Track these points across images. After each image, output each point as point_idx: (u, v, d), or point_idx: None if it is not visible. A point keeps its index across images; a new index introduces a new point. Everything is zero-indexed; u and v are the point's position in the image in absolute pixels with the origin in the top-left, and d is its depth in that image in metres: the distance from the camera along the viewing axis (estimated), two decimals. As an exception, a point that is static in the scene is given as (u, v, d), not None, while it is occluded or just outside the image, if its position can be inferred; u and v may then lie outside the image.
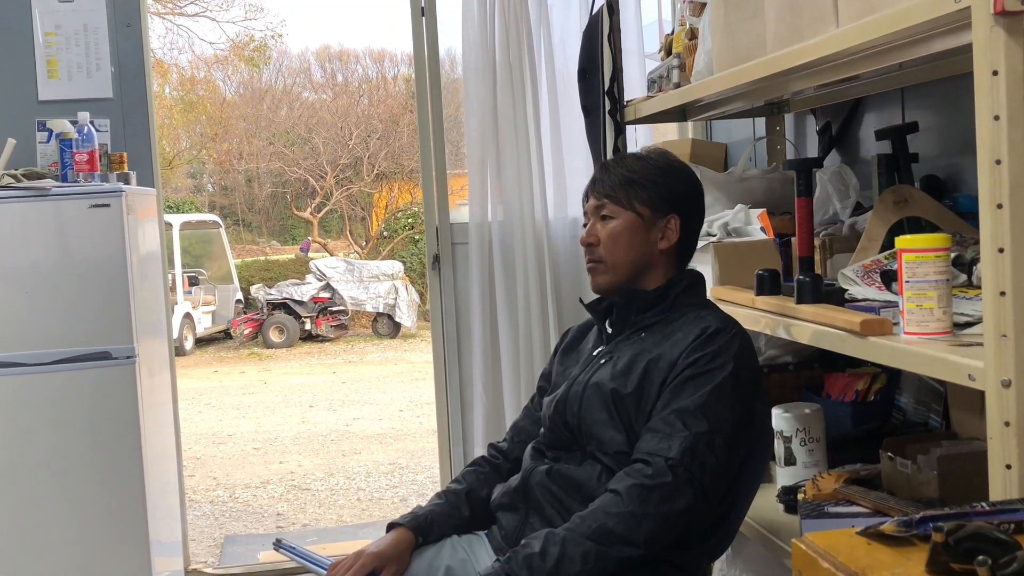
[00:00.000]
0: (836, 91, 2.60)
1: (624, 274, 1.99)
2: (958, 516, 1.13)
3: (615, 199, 1.99)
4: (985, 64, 1.34)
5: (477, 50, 3.75)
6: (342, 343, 13.56)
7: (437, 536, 2.03)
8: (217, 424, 8.63)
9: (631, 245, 1.98)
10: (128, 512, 3.23)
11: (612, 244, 1.98)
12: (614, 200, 1.99)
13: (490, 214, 3.80)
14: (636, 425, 1.88)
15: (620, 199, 1.98)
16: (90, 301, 3.20)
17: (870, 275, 1.99)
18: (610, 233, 1.99)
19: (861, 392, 2.49)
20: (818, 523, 1.92)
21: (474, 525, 2.07)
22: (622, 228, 1.98)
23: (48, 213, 3.20)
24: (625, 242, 1.98)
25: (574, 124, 3.60)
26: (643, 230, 1.98)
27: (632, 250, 1.98)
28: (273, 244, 19.99)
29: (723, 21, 2.30)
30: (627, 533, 1.75)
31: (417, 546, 2.00)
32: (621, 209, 1.98)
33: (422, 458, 6.87)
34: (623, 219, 1.98)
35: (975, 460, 1.69)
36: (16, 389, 3.18)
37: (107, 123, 3.66)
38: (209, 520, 5.45)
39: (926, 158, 2.43)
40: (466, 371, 3.85)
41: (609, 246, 1.98)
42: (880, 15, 1.63)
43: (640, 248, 1.98)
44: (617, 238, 1.98)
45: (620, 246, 1.98)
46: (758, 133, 3.26)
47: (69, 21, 3.66)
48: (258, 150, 19.32)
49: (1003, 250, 1.33)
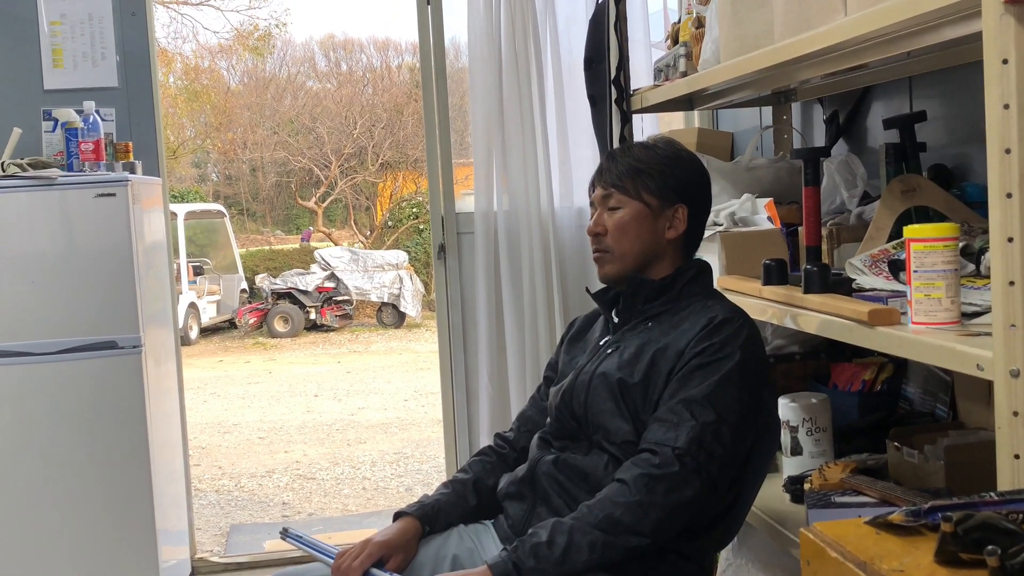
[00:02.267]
0: (844, 80, 2.59)
1: (631, 263, 1.99)
2: (967, 506, 1.13)
3: (622, 188, 1.98)
4: (995, 52, 1.33)
5: (482, 39, 3.74)
6: (347, 333, 13.57)
7: (444, 525, 2.03)
8: (222, 414, 8.65)
9: (639, 235, 1.98)
10: (134, 501, 3.25)
11: (619, 234, 1.98)
12: (621, 190, 1.98)
13: (496, 204, 3.80)
14: (643, 415, 1.88)
15: (627, 188, 1.98)
16: (96, 290, 3.20)
17: (878, 265, 1.99)
18: (617, 223, 1.98)
19: (868, 382, 2.49)
20: (825, 513, 1.91)
21: (480, 514, 2.07)
22: (629, 218, 1.98)
23: (54, 202, 3.21)
24: (633, 232, 1.97)
25: (580, 113, 3.60)
26: (651, 220, 1.98)
27: (639, 240, 1.98)
28: (278, 234, 19.99)
29: (730, 9, 2.29)
30: (634, 523, 1.75)
31: (424, 535, 2.01)
32: (628, 199, 1.98)
33: (427, 447, 6.88)
34: (630, 208, 1.98)
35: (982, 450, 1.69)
36: (23, 378, 3.19)
37: (112, 112, 3.66)
38: (215, 509, 5.46)
39: (934, 147, 2.42)
40: (472, 361, 3.85)
41: (616, 236, 1.98)
42: (889, 3, 1.62)
43: (648, 238, 1.98)
44: (625, 228, 1.98)
45: (627, 236, 1.98)
46: (765, 122, 3.25)
47: (74, 10, 3.66)
48: (262, 139, 19.31)
49: (1012, 239, 1.33)
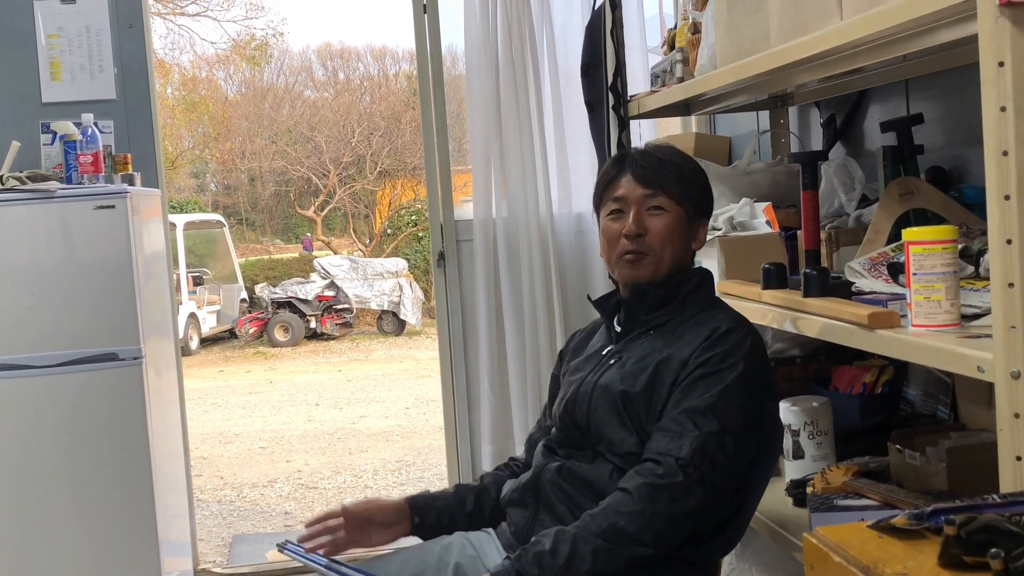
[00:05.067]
0: (840, 83, 2.59)
1: (666, 269, 1.96)
2: (969, 508, 1.13)
3: (669, 191, 1.95)
4: (991, 55, 1.33)
5: (480, 46, 3.75)
6: (347, 341, 13.56)
7: (434, 520, 2.03)
8: (223, 424, 8.64)
9: (680, 242, 1.97)
10: (137, 512, 3.24)
11: (668, 236, 1.95)
12: (668, 192, 1.95)
13: (494, 211, 3.80)
14: (647, 425, 1.87)
15: (674, 193, 1.95)
16: (96, 303, 3.20)
17: (877, 268, 1.99)
18: (668, 226, 1.95)
19: (869, 384, 2.49)
20: (827, 516, 1.91)
21: (476, 521, 2.06)
22: (677, 223, 1.96)
23: (53, 215, 3.21)
24: (678, 237, 1.96)
25: (577, 119, 3.60)
26: (687, 228, 1.98)
27: (677, 248, 1.97)
28: (277, 243, 20.00)
29: (726, 15, 2.30)
30: (637, 532, 1.75)
31: (413, 527, 2.01)
32: (674, 203, 1.96)
33: (429, 455, 6.88)
34: (675, 213, 1.96)
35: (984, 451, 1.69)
36: (24, 391, 3.19)
37: (111, 124, 3.66)
38: (217, 520, 5.46)
39: (931, 149, 2.42)
40: (472, 368, 3.85)
41: (664, 238, 1.94)
42: (884, 7, 1.63)
43: (682, 245, 1.98)
44: (673, 232, 1.95)
45: (672, 241, 1.95)
46: (762, 126, 3.26)
47: (72, 23, 3.66)
48: (261, 149, 19.32)
49: (1011, 241, 1.33)
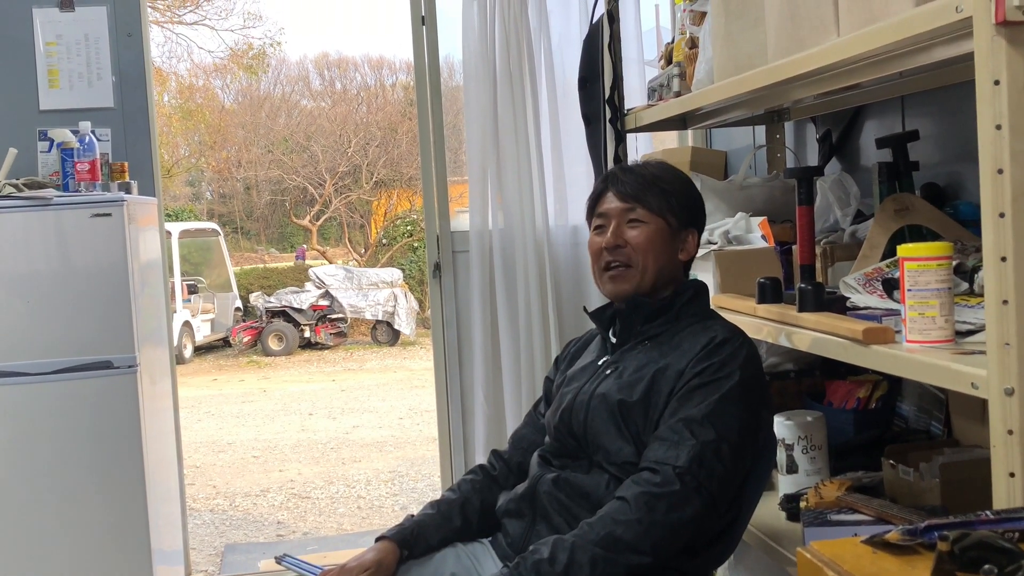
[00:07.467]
0: (836, 99, 2.61)
1: (650, 281, 1.98)
2: (963, 524, 1.13)
3: (647, 204, 1.97)
4: (987, 74, 1.34)
5: (477, 58, 3.76)
6: (341, 351, 13.55)
7: (423, 548, 2.01)
8: (216, 432, 8.63)
9: (662, 252, 1.98)
10: (130, 521, 3.23)
11: (647, 248, 1.96)
12: (646, 205, 1.97)
13: (491, 222, 3.81)
14: (644, 435, 1.88)
15: (652, 205, 1.97)
16: (92, 310, 3.20)
17: (872, 283, 2.00)
18: (647, 237, 1.97)
19: (863, 399, 2.49)
20: (821, 531, 1.92)
21: (466, 535, 2.06)
22: (656, 234, 1.97)
23: (50, 223, 3.21)
24: (658, 248, 1.97)
25: (574, 132, 3.61)
26: (670, 239, 1.99)
27: (662, 257, 1.98)
28: (272, 252, 19.98)
29: (724, 30, 2.31)
30: (635, 541, 1.75)
31: (402, 559, 1.98)
32: (652, 215, 1.97)
33: (422, 466, 6.87)
34: (655, 225, 1.97)
35: (977, 467, 1.70)
36: (18, 399, 3.18)
37: (108, 132, 3.67)
38: (209, 529, 5.44)
39: (927, 166, 2.43)
40: (467, 379, 3.85)
41: (644, 250, 1.96)
42: (881, 24, 1.64)
43: (665, 257, 1.98)
44: (652, 243, 1.97)
45: (652, 252, 1.97)
46: (758, 141, 3.27)
47: (70, 31, 3.67)
48: (257, 158, 19.33)
49: (1006, 259, 1.34)
